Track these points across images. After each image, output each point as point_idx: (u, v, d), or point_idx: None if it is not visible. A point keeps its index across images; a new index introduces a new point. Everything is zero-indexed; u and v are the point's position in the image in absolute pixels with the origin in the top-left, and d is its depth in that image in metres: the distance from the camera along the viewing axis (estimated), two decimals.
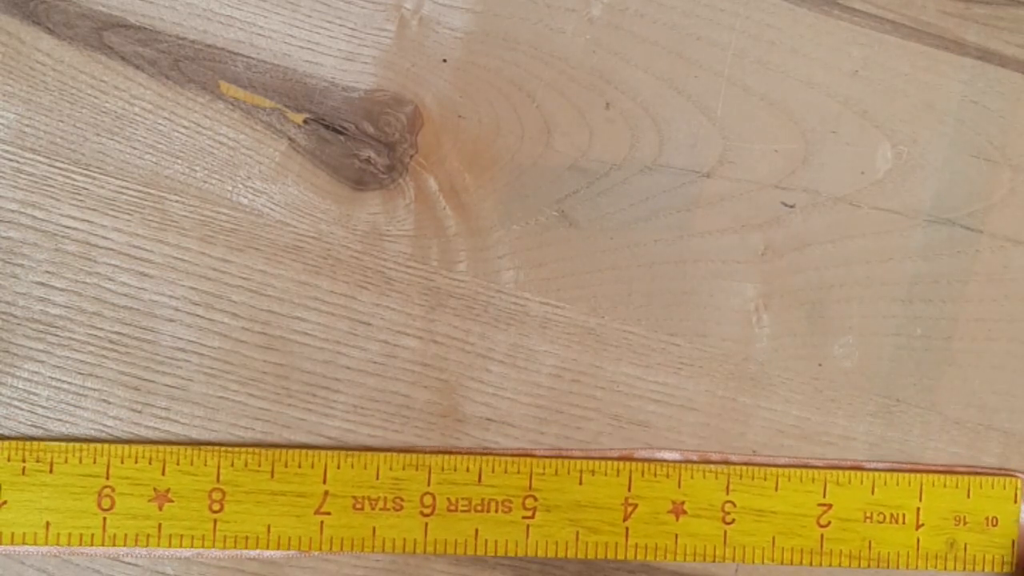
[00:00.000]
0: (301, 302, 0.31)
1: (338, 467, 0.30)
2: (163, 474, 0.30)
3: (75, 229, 0.31)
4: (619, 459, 0.31)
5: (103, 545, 0.29)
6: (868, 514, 0.32)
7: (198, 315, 0.31)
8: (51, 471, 0.29)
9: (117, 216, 0.31)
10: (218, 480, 0.30)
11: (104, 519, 0.29)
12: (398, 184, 0.32)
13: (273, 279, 0.31)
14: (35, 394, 0.31)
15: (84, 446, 0.30)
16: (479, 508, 0.30)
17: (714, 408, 0.32)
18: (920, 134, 0.33)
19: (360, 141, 0.32)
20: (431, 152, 0.32)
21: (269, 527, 0.30)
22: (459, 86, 0.32)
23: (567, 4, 0.32)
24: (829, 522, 0.31)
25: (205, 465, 0.30)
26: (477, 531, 0.30)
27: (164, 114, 0.31)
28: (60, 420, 0.31)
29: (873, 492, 0.32)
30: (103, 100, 0.31)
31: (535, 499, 0.31)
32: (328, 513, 0.30)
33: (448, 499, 0.30)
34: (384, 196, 0.32)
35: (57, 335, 0.31)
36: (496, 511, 0.30)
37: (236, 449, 0.30)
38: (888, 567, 0.32)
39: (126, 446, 0.30)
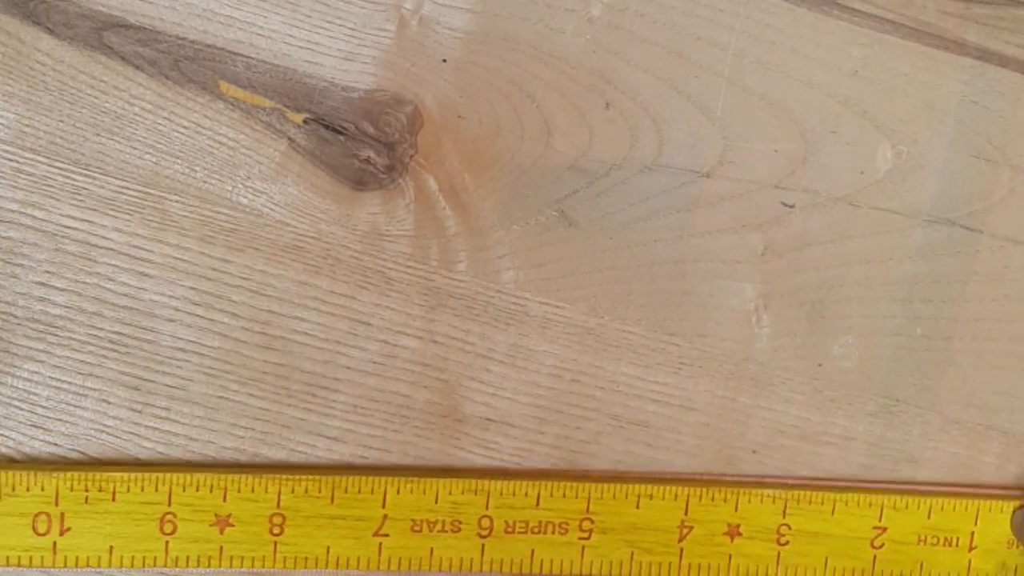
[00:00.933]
0: (301, 302, 0.31)
1: (398, 492, 0.30)
2: (224, 500, 0.30)
3: (75, 229, 0.31)
4: (677, 480, 0.32)
5: (166, 567, 0.30)
6: (922, 537, 0.32)
7: (198, 315, 0.31)
8: (113, 499, 0.29)
9: (117, 216, 0.31)
10: (278, 505, 0.30)
11: (166, 543, 0.30)
12: (398, 184, 0.32)
13: (273, 279, 0.31)
14: (35, 394, 0.31)
15: (146, 476, 0.30)
16: (536, 530, 0.31)
17: (714, 408, 0.32)
18: (920, 134, 0.33)
19: (360, 141, 0.32)
20: (431, 152, 0.32)
21: (328, 548, 0.30)
22: (459, 86, 0.32)
23: (567, 4, 0.32)
24: (883, 544, 0.32)
25: (266, 492, 0.30)
26: (533, 552, 0.31)
27: (164, 114, 0.31)
28: (60, 420, 0.31)
29: (929, 517, 0.32)
30: (103, 100, 0.31)
31: (592, 522, 0.31)
32: (387, 535, 0.30)
33: (506, 522, 0.31)
34: (384, 196, 0.32)
35: (57, 335, 0.31)
36: (553, 533, 0.31)
37: (297, 476, 0.30)
38: None
39: (187, 474, 0.30)
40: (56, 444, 0.31)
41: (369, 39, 0.32)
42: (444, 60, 0.32)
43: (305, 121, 0.31)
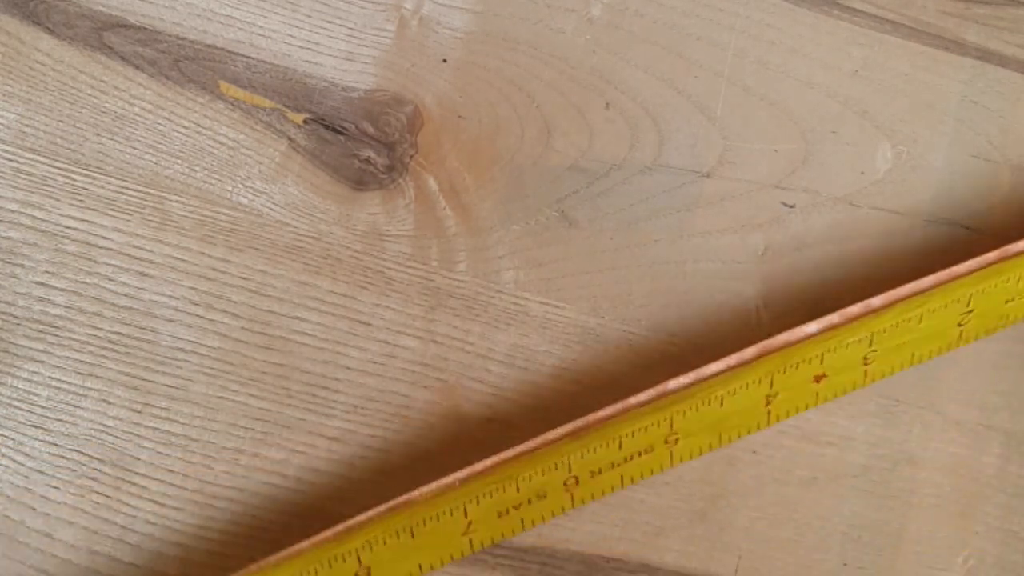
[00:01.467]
0: (301, 302, 0.31)
1: (477, 502, 0.29)
2: None
3: (75, 229, 0.31)
4: (758, 357, 0.30)
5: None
6: (1010, 298, 0.31)
7: (198, 315, 0.31)
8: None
9: (117, 216, 0.31)
10: (359, 562, 0.29)
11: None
12: (398, 184, 0.32)
13: (273, 279, 0.31)
14: (35, 394, 0.31)
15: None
16: (621, 463, 0.30)
17: None
18: (920, 134, 0.33)
19: (360, 141, 0.32)
20: (431, 152, 0.32)
21: (420, 565, 0.29)
22: (459, 86, 0.32)
23: (567, 4, 0.32)
24: (968, 321, 0.31)
25: (344, 561, 0.29)
26: (622, 477, 0.30)
27: (164, 114, 0.31)
28: (60, 420, 0.31)
29: (1019, 282, 0.30)
30: (103, 100, 0.31)
31: (676, 433, 0.30)
32: (475, 532, 0.30)
33: (591, 471, 0.30)
34: (384, 196, 0.32)
35: (57, 335, 0.31)
36: (640, 457, 0.30)
37: (374, 532, 0.29)
38: (1019, 322, 0.31)
39: None
40: (56, 444, 0.31)
41: (369, 39, 0.32)
42: (444, 60, 0.32)
43: (305, 121, 0.31)
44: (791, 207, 0.33)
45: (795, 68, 0.33)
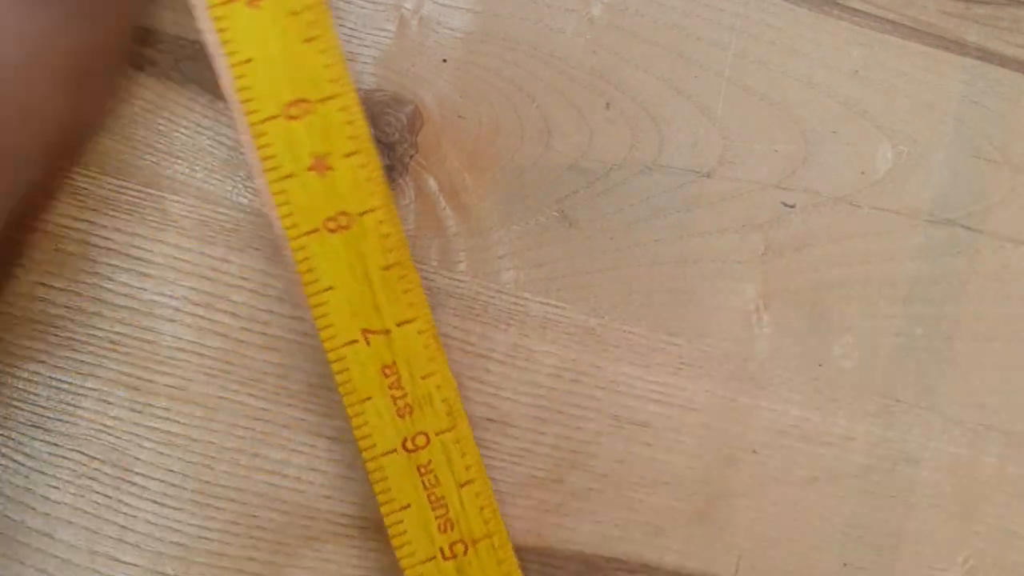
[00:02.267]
0: (301, 302, 0.31)
1: None
2: None
3: (75, 229, 0.31)
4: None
5: None
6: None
7: (198, 315, 0.31)
8: None
9: (117, 216, 0.31)
10: None
11: None
12: (398, 184, 0.32)
13: (273, 279, 0.31)
14: (35, 394, 0.31)
15: None
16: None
17: (714, 408, 0.32)
18: (920, 134, 0.33)
19: None
20: (431, 152, 0.32)
21: None
22: (459, 86, 0.32)
23: (567, 4, 0.32)
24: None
25: None
26: None
27: (164, 114, 0.31)
28: (60, 420, 0.31)
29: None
30: None
31: None
32: None
33: None
34: None
35: (57, 335, 0.31)
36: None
37: None
38: None
39: None
40: (56, 444, 0.31)
41: (369, 39, 0.32)
42: (444, 60, 0.32)
43: None
44: (791, 207, 0.33)
45: (795, 68, 0.33)
